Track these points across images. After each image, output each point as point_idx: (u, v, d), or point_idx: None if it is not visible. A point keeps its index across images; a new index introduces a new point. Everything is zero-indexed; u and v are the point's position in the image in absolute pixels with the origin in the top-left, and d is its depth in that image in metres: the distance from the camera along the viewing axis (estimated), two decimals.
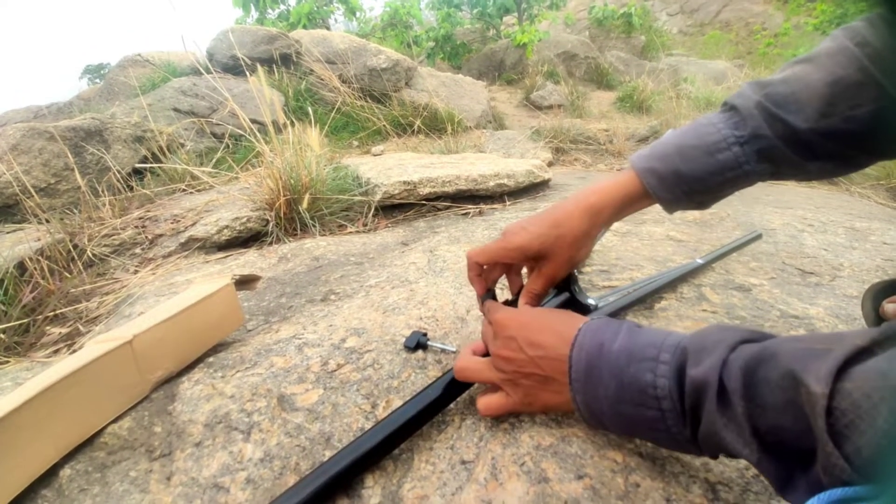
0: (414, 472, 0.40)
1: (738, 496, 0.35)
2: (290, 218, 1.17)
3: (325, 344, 0.59)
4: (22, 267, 1.01)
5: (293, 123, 1.30)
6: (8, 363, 0.77)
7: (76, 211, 1.42)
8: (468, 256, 0.50)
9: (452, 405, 0.46)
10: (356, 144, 2.42)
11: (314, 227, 1.16)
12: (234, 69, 2.72)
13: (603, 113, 3.57)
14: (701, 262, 0.74)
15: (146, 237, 1.21)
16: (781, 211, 1.21)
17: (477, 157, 1.73)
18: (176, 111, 2.30)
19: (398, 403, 0.46)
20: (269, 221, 1.15)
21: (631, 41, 5.80)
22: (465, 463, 0.40)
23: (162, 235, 1.22)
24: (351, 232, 1.19)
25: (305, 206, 1.16)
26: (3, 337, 0.82)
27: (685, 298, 0.67)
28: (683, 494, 0.36)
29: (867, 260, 0.86)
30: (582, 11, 7.07)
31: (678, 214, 1.12)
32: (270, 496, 0.39)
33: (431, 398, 0.43)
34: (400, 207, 1.31)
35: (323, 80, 2.70)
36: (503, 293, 0.55)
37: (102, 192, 1.44)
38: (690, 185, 0.45)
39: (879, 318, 0.47)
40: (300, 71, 2.80)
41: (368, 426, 0.45)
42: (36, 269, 0.98)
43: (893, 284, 0.48)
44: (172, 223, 1.26)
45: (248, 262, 0.99)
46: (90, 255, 1.12)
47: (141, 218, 1.32)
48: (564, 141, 2.54)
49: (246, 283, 0.69)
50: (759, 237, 0.89)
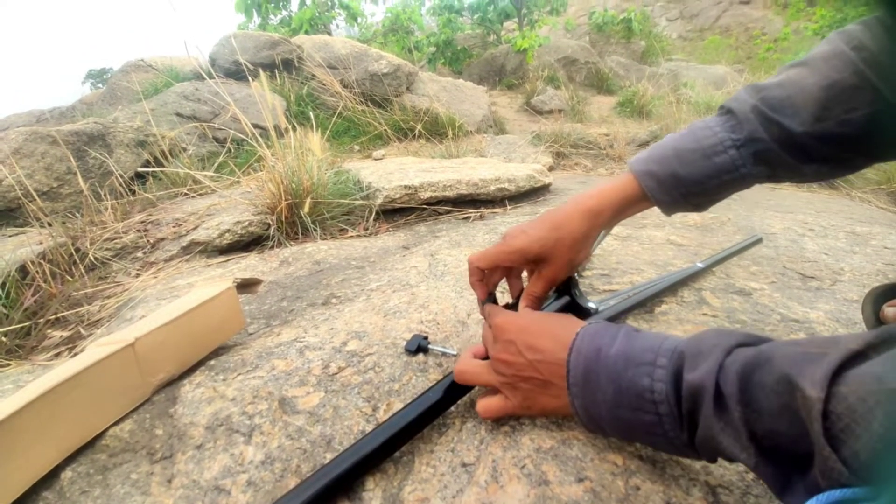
0: (415, 474, 0.40)
1: (738, 499, 0.35)
2: (291, 222, 1.17)
3: (326, 347, 0.59)
4: (24, 270, 1.01)
5: (295, 128, 1.31)
6: (9, 366, 0.77)
7: (78, 215, 1.43)
8: (469, 261, 0.50)
9: (453, 408, 0.46)
10: (357, 149, 2.43)
11: (315, 231, 1.16)
12: (236, 74, 2.74)
13: (603, 118, 3.58)
14: (701, 266, 0.74)
15: (148, 241, 1.22)
16: (782, 215, 1.22)
17: (478, 161, 1.73)
18: (178, 116, 2.31)
19: (399, 406, 0.46)
20: (270, 225, 1.15)
21: (631, 46, 5.82)
22: (465, 465, 0.40)
23: (164, 239, 1.22)
24: (352, 236, 1.19)
25: (307, 210, 1.17)
26: (4, 340, 0.82)
27: (686, 302, 0.67)
28: (684, 498, 0.36)
29: (868, 264, 0.86)
30: (582, 17, 7.10)
31: (679, 218, 1.12)
32: (271, 498, 0.39)
33: (432, 401, 0.43)
34: (401, 211, 1.32)
35: (324, 85, 2.72)
36: (504, 297, 0.55)
37: (105, 195, 1.45)
38: (688, 187, 0.45)
39: (880, 321, 0.47)
40: (302, 76, 2.81)
41: (369, 429, 0.45)
42: (38, 272, 0.98)
43: (894, 288, 0.48)
44: (174, 227, 1.27)
45: (249, 265, 0.99)
46: (92, 258, 1.13)
47: (143, 222, 1.33)
48: (565, 145, 2.54)
49: (247, 286, 0.69)
50: (759, 241, 0.89)
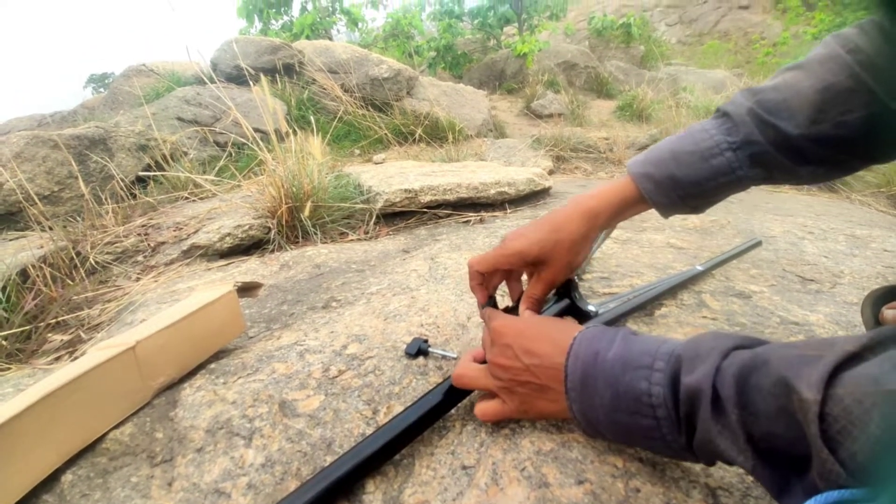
0: (415, 477, 0.40)
1: (738, 501, 0.35)
2: (291, 226, 1.18)
3: (326, 350, 0.59)
4: (24, 274, 1.01)
5: (295, 132, 1.32)
6: (10, 370, 0.77)
7: (79, 218, 1.43)
8: (469, 265, 0.50)
9: (453, 411, 0.46)
10: (358, 153, 2.44)
11: (316, 234, 1.17)
12: (237, 79, 2.75)
13: (603, 122, 3.59)
14: (701, 268, 0.74)
15: (149, 245, 1.22)
16: (782, 218, 1.22)
17: (478, 165, 1.74)
18: (179, 120, 2.32)
19: (399, 409, 0.46)
20: (270, 229, 1.15)
21: (630, 51, 5.85)
22: (465, 468, 0.40)
23: (164, 243, 1.22)
24: (352, 239, 1.19)
25: (307, 213, 1.17)
26: (5, 343, 0.82)
27: (685, 305, 0.67)
28: (684, 499, 0.36)
29: (868, 267, 0.86)
30: (581, 22, 7.13)
31: (678, 222, 1.12)
32: (272, 501, 0.39)
33: (432, 404, 0.43)
34: (401, 215, 1.32)
35: (325, 89, 2.73)
36: (504, 300, 0.56)
37: (105, 199, 1.45)
38: (685, 189, 0.45)
39: (879, 324, 0.47)
40: (303, 81, 2.83)
41: (369, 432, 0.45)
42: (38, 276, 0.98)
43: (893, 290, 0.48)
44: (175, 231, 1.27)
45: (249, 269, 0.99)
46: (93, 262, 1.13)
47: (144, 226, 1.33)
48: (565, 149, 2.55)
49: (248, 290, 0.69)
50: (759, 244, 0.89)
